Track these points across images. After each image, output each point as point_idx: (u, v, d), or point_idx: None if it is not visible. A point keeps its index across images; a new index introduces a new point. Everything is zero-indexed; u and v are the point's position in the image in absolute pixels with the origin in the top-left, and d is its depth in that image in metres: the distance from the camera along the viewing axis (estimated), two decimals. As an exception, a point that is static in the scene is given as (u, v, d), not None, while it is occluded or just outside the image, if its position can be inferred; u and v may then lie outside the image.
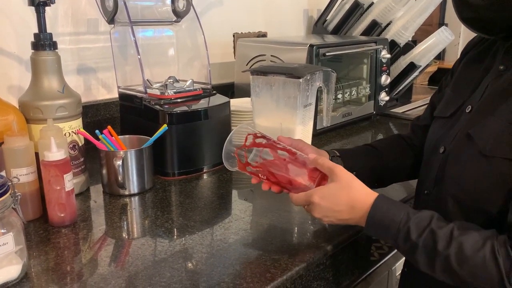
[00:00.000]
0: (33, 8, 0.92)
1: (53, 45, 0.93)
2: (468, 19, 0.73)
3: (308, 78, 1.08)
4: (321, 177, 0.74)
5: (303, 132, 1.13)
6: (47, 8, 0.93)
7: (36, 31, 0.93)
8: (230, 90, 1.55)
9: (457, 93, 0.79)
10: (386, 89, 1.67)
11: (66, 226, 0.84)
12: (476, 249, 0.60)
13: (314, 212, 0.72)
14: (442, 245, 0.62)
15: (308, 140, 1.17)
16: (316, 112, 1.34)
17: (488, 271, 0.59)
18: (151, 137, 1.02)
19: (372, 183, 0.91)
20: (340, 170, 0.71)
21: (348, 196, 0.70)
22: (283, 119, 1.11)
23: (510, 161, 0.64)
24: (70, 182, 0.84)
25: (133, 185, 0.98)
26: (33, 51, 0.93)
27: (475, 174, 0.68)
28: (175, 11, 1.26)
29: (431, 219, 0.65)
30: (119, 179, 0.95)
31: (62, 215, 0.83)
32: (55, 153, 0.81)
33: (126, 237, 0.83)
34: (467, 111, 0.74)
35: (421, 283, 0.79)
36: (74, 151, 0.96)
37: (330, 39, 1.62)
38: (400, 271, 1.11)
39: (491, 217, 0.66)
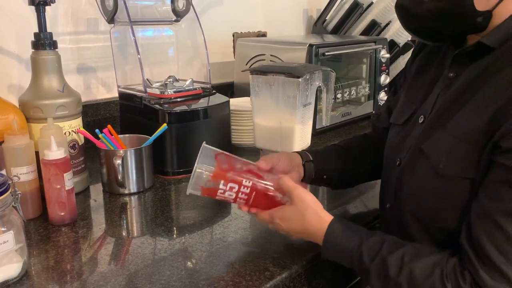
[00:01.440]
0: (33, 7, 0.93)
1: (53, 45, 0.93)
2: (413, 29, 0.72)
3: (308, 77, 1.08)
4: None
5: (302, 131, 1.14)
6: (47, 7, 0.93)
7: (36, 30, 0.93)
8: (229, 89, 1.56)
9: (410, 98, 0.79)
10: (386, 89, 1.67)
11: (66, 224, 0.84)
12: (426, 276, 0.60)
13: (279, 230, 0.74)
14: (393, 272, 0.62)
15: (308, 139, 1.17)
16: (316, 112, 1.35)
17: None
18: (150, 136, 1.02)
19: (341, 185, 0.94)
20: (297, 195, 0.71)
21: (303, 222, 0.71)
22: (282, 118, 1.11)
23: (464, 180, 0.62)
24: (70, 181, 0.84)
25: (133, 184, 0.99)
26: (33, 50, 0.93)
27: (430, 192, 0.67)
28: (175, 11, 1.26)
29: (382, 244, 0.65)
30: (119, 178, 0.96)
31: (62, 213, 0.84)
32: (55, 152, 0.81)
33: (126, 235, 0.83)
34: (420, 121, 0.73)
35: None
36: (74, 150, 0.96)
37: (330, 38, 1.62)
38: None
39: (450, 234, 0.65)
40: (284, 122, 1.11)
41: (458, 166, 0.63)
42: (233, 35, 1.65)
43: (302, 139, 1.14)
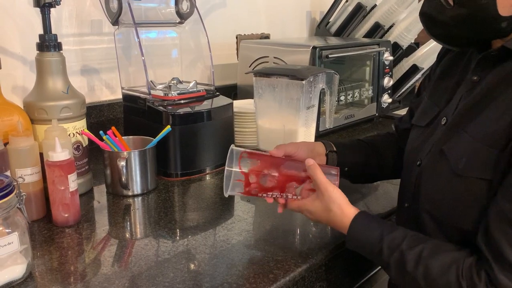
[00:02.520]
0: (37, 9, 0.93)
1: (58, 46, 0.94)
2: (438, 36, 0.73)
3: (311, 80, 1.08)
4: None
5: (306, 133, 1.14)
6: (51, 9, 0.94)
7: (41, 32, 0.93)
8: (233, 91, 1.56)
9: (433, 101, 0.79)
10: (389, 91, 1.67)
11: (70, 226, 0.84)
12: (442, 273, 0.61)
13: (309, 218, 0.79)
14: (410, 266, 0.64)
15: (312, 140, 1.17)
16: (319, 114, 1.35)
17: None
18: (154, 138, 1.02)
19: (361, 179, 0.96)
20: (324, 189, 0.74)
21: (328, 217, 0.74)
22: (285, 120, 1.11)
23: (482, 181, 0.63)
24: (74, 182, 0.84)
25: (137, 186, 0.99)
26: (38, 52, 0.93)
27: (449, 193, 0.68)
28: (178, 13, 1.26)
29: (403, 239, 0.67)
30: (123, 179, 0.96)
31: (66, 215, 0.84)
32: (60, 154, 0.82)
33: (130, 237, 0.83)
34: (442, 123, 0.74)
35: None
36: (78, 152, 0.96)
37: (333, 41, 1.63)
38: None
39: (466, 234, 0.66)
40: (288, 124, 1.11)
41: (476, 168, 0.64)
42: (237, 37, 1.66)
43: (305, 140, 1.14)
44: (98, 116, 1.30)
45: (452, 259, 0.62)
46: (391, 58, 1.62)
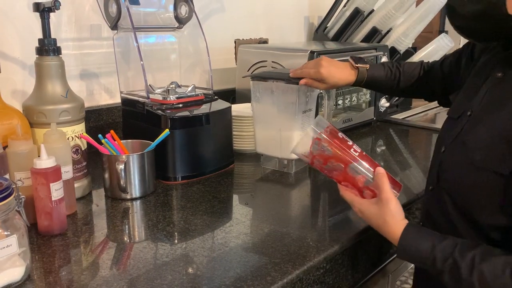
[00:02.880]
0: (37, 13, 0.94)
1: (57, 51, 0.94)
2: (459, 27, 0.77)
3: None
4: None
5: (303, 137, 1.14)
6: (51, 14, 0.94)
7: (40, 36, 0.94)
8: (231, 95, 1.57)
9: (466, 96, 0.83)
10: (386, 96, 1.68)
11: (55, 235, 0.82)
12: (496, 275, 0.63)
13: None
14: (465, 273, 0.65)
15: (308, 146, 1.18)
16: (317, 118, 1.35)
17: None
18: (153, 141, 1.03)
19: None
20: (385, 198, 0.76)
21: (381, 226, 0.77)
22: (282, 125, 1.11)
23: (497, 175, 0.65)
24: (59, 191, 0.82)
25: (135, 189, 0.99)
26: (37, 56, 0.94)
27: (466, 181, 0.71)
28: (177, 18, 1.27)
29: (454, 247, 0.68)
30: (121, 183, 0.96)
31: (48, 224, 0.82)
32: (44, 161, 0.80)
33: (128, 240, 0.84)
34: (467, 114, 0.77)
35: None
36: (77, 155, 0.97)
37: (331, 45, 1.64)
38: (400, 276, 1.11)
39: (487, 224, 0.69)
40: (284, 129, 1.12)
41: (493, 161, 0.67)
42: (235, 42, 1.66)
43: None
44: (97, 120, 1.30)
45: (504, 262, 0.64)
46: (388, 62, 1.63)
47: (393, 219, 0.75)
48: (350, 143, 0.83)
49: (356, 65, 1.06)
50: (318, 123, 0.83)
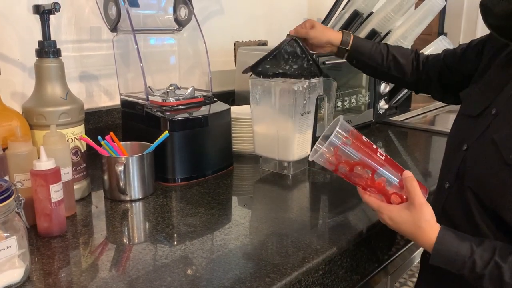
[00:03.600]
0: (37, 15, 0.94)
1: (57, 53, 0.94)
2: (492, 25, 0.78)
3: (306, 86, 1.10)
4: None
5: (300, 140, 1.14)
6: (51, 16, 0.95)
7: (40, 38, 0.94)
8: (230, 97, 1.57)
9: (486, 94, 0.82)
10: (385, 97, 1.68)
11: (55, 237, 0.83)
12: None
13: (382, 220, 0.80)
14: (508, 277, 0.65)
15: (307, 148, 1.18)
16: (316, 120, 1.36)
17: None
18: (152, 143, 1.03)
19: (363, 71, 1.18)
20: (419, 204, 0.74)
21: (415, 233, 0.74)
22: (279, 126, 1.12)
23: None
24: (58, 192, 0.82)
25: (134, 191, 0.99)
26: (37, 58, 0.94)
27: (496, 179, 0.71)
28: (177, 20, 1.28)
29: (494, 250, 0.68)
30: (121, 184, 0.97)
31: (47, 225, 0.82)
32: (44, 163, 0.80)
33: (127, 242, 0.84)
34: (492, 112, 0.77)
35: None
36: (76, 157, 0.97)
37: (330, 47, 1.64)
38: (399, 278, 1.12)
39: (506, 219, 0.69)
40: (281, 130, 1.12)
41: None
42: (234, 44, 1.67)
43: (300, 147, 1.15)
44: (97, 122, 1.31)
45: None
46: (387, 64, 1.63)
47: (428, 224, 0.73)
48: (375, 147, 0.80)
49: (341, 30, 1.12)
50: (342, 126, 0.78)
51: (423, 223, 0.73)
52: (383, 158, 0.78)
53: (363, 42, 1.11)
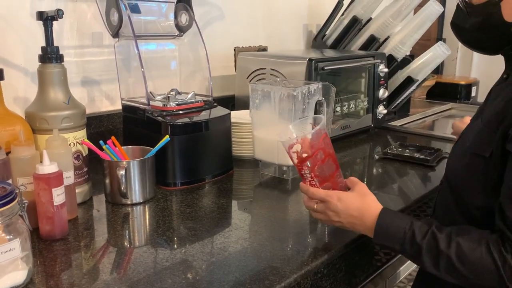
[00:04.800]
0: (39, 21, 0.95)
1: (60, 58, 0.96)
2: (466, 42, 0.82)
3: (304, 91, 1.11)
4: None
5: (302, 144, 1.15)
6: (54, 22, 0.96)
7: (42, 43, 0.96)
8: (230, 102, 1.58)
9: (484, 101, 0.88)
10: (384, 103, 1.70)
11: (57, 240, 0.83)
12: (473, 248, 0.67)
13: (327, 212, 0.81)
14: (443, 245, 0.69)
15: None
16: (315, 125, 1.37)
17: (486, 267, 0.65)
18: (153, 147, 1.04)
19: None
20: (359, 188, 0.82)
21: (361, 205, 0.79)
22: (279, 131, 1.12)
23: (480, 157, 0.71)
24: (60, 196, 0.83)
25: (135, 195, 1.00)
26: (40, 63, 0.95)
27: (459, 168, 0.78)
28: (178, 26, 1.29)
29: (430, 224, 0.73)
30: (122, 188, 0.98)
31: (50, 228, 0.83)
32: (46, 167, 0.81)
33: (128, 245, 0.85)
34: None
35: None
36: (78, 161, 0.98)
37: (329, 53, 1.66)
38: (398, 281, 1.12)
39: (470, 206, 0.75)
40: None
41: (477, 146, 0.73)
42: (235, 49, 1.68)
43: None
44: (98, 126, 1.32)
45: (479, 235, 0.68)
46: (386, 70, 1.65)
47: (372, 200, 0.80)
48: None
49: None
50: (321, 120, 0.83)
51: (366, 197, 0.80)
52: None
53: None
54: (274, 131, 1.13)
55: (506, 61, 0.80)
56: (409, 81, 1.80)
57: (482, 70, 2.93)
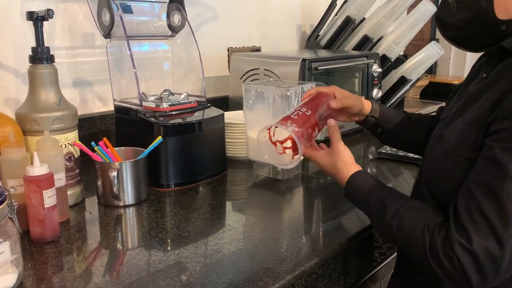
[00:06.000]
0: (30, 22, 0.94)
1: (51, 59, 0.95)
2: (450, 37, 0.80)
3: (298, 91, 1.10)
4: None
5: (296, 144, 1.15)
6: (44, 22, 0.95)
7: (34, 44, 0.95)
8: (224, 103, 1.58)
9: (457, 98, 0.86)
10: (378, 102, 1.69)
11: (48, 242, 0.82)
12: (412, 226, 0.70)
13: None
14: (388, 218, 0.73)
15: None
16: (309, 125, 1.36)
17: (417, 245, 0.68)
18: (146, 149, 1.03)
19: (388, 143, 1.12)
20: (336, 149, 0.86)
21: (334, 172, 0.87)
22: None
23: (465, 159, 0.70)
24: (51, 198, 0.82)
25: (128, 196, 1.00)
26: (30, 64, 0.94)
27: (440, 169, 0.76)
28: (170, 26, 1.28)
29: (389, 195, 0.77)
30: (114, 190, 0.97)
31: (41, 231, 0.82)
32: (36, 168, 0.80)
33: (121, 247, 0.84)
34: (453, 112, 0.81)
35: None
36: (70, 163, 0.97)
37: (323, 53, 1.65)
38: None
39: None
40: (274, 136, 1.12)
41: (461, 147, 0.71)
42: (228, 50, 1.68)
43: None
44: (90, 128, 1.31)
45: (424, 216, 0.70)
46: (379, 70, 1.65)
47: (344, 165, 0.84)
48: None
49: (365, 97, 1.06)
50: None
51: (340, 164, 0.84)
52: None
53: (388, 110, 1.06)
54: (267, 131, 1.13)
55: (487, 60, 0.78)
56: (402, 81, 1.80)
57: (475, 70, 2.94)
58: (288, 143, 0.87)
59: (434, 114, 1.09)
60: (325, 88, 1.01)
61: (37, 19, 0.93)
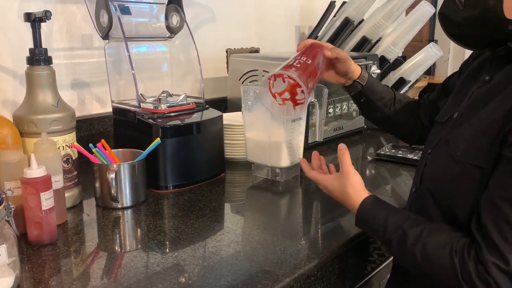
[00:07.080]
0: (28, 23, 0.94)
1: (48, 60, 0.94)
2: (453, 35, 0.78)
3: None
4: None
5: (292, 146, 1.14)
6: (42, 23, 0.95)
7: (31, 46, 0.94)
8: (223, 104, 1.57)
9: (455, 100, 0.84)
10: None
11: (46, 245, 0.82)
12: (437, 250, 0.67)
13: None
14: (410, 244, 0.70)
15: (299, 153, 1.18)
16: (308, 126, 1.36)
17: (446, 270, 0.66)
18: (144, 150, 1.03)
19: (368, 116, 1.12)
20: (345, 173, 0.84)
21: (343, 198, 0.85)
22: (271, 132, 1.12)
23: (476, 168, 0.68)
24: (49, 200, 0.82)
25: (126, 198, 0.99)
26: (28, 66, 0.94)
27: (447, 177, 0.74)
28: (169, 27, 1.28)
29: (406, 220, 0.74)
30: (112, 192, 0.96)
31: (38, 233, 0.82)
32: (33, 170, 0.80)
33: (119, 250, 0.83)
34: (454, 117, 0.79)
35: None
36: (68, 165, 0.97)
37: (321, 54, 1.65)
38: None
39: (461, 217, 0.71)
40: (273, 137, 1.12)
41: (472, 156, 0.69)
42: (227, 51, 1.68)
43: (291, 153, 1.15)
44: (88, 130, 1.30)
45: (448, 238, 0.67)
46: (378, 71, 1.65)
47: (354, 190, 0.82)
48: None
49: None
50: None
51: (349, 189, 0.82)
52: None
53: (376, 81, 1.07)
54: (267, 133, 1.13)
55: (491, 61, 0.76)
56: (401, 82, 1.80)
57: (474, 71, 2.94)
58: (286, 95, 0.88)
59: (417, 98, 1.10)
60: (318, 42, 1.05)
61: (35, 20, 0.93)
